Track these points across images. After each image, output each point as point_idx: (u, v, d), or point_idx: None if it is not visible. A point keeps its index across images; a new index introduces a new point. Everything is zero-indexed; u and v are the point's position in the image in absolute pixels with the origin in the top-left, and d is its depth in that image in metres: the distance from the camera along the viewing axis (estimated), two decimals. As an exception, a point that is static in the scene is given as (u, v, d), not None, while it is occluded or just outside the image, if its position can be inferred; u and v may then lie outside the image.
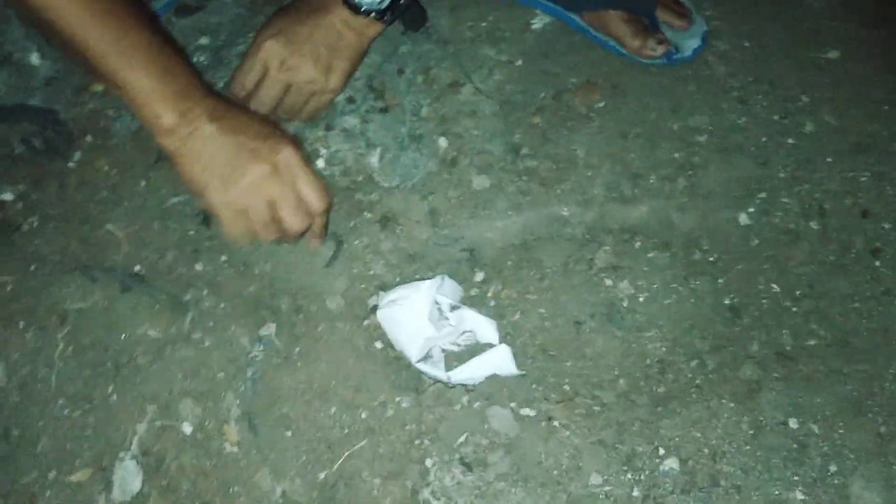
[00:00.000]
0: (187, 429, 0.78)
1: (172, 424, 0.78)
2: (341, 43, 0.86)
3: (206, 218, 0.90)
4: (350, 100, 0.98)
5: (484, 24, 1.05)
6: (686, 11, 1.01)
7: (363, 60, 0.92)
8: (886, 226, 0.88)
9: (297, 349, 0.83)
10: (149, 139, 0.93)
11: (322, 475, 0.76)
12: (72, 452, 0.77)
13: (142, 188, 0.92)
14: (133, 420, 0.79)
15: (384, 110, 0.98)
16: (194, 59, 1.01)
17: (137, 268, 0.87)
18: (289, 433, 0.78)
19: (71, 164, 0.93)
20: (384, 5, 0.84)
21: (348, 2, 0.83)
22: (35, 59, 0.98)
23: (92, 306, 0.83)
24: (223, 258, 0.88)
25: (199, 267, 0.87)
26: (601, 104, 0.98)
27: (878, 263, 0.86)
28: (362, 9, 0.83)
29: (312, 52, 0.85)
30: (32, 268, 0.86)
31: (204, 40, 1.02)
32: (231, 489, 0.76)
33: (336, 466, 0.77)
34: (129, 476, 0.76)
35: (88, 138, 0.95)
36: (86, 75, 0.97)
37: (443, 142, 0.95)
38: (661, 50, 0.99)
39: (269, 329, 0.84)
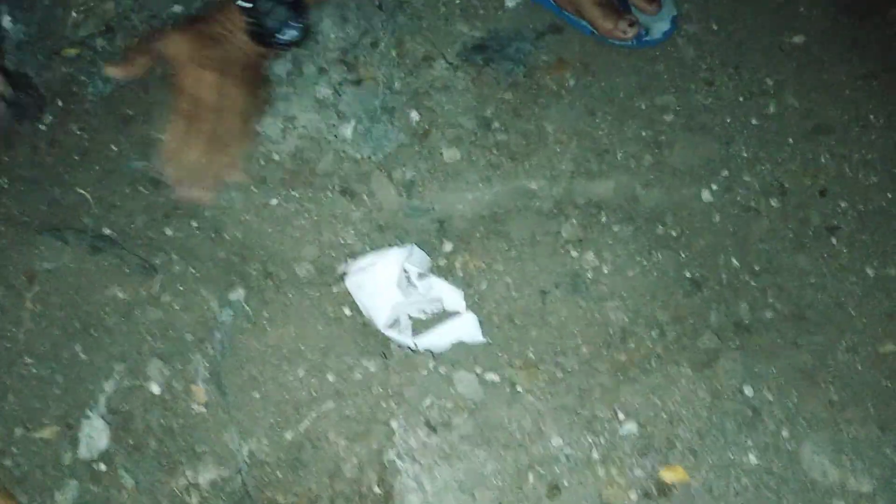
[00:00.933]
0: (155, 389, 0.79)
1: (140, 384, 0.79)
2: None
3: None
4: (323, 71, 0.99)
5: (458, 0, 1.06)
6: (656, -6, 1.03)
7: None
8: (843, 204, 0.90)
9: (266, 314, 0.84)
10: (120, 104, 0.95)
11: (289, 436, 0.77)
12: (39, 410, 0.78)
13: (113, 153, 0.92)
14: (100, 379, 0.79)
15: (357, 82, 0.99)
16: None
17: (107, 231, 0.87)
18: (256, 394, 0.79)
19: (42, 127, 0.93)
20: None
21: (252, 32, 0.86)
22: (7, 21, 0.97)
23: (61, 267, 0.84)
24: (194, 224, 0.88)
25: (169, 231, 0.88)
26: (572, 82, 0.99)
27: (834, 241, 0.88)
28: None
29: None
30: (2, 228, 0.86)
31: (177, 8, 1.02)
32: (198, 448, 0.77)
33: (303, 427, 0.78)
34: (96, 434, 0.77)
35: (60, 102, 0.95)
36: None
37: (415, 115, 0.96)
38: (631, 32, 1.00)
39: (239, 294, 0.84)
